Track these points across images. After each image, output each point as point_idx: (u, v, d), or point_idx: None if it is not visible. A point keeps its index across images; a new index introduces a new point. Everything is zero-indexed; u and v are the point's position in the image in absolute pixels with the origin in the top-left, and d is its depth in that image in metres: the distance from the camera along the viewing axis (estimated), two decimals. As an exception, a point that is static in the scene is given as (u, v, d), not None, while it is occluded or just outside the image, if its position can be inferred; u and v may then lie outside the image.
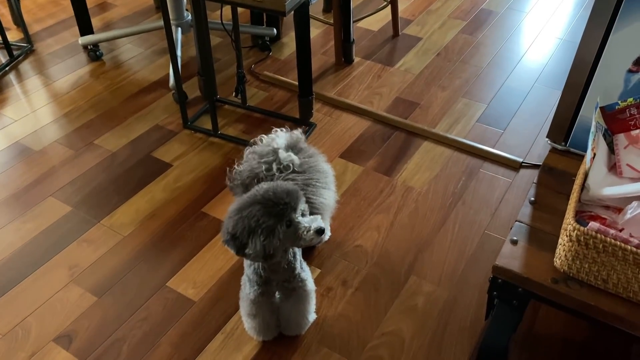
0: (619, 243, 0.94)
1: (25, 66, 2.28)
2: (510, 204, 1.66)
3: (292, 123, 1.94)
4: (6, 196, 1.69)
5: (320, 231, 1.05)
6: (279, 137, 1.29)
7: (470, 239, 1.56)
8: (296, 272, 1.18)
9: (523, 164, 1.79)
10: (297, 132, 1.33)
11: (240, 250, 1.04)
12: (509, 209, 1.64)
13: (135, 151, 1.86)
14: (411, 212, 1.64)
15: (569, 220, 0.98)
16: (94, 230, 1.58)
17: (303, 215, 1.07)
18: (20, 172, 1.78)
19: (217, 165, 1.80)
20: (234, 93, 1.95)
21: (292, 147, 1.29)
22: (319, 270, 1.47)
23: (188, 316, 1.37)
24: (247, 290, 1.21)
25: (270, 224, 1.02)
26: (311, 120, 1.97)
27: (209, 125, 1.91)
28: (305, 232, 1.04)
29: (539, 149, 1.85)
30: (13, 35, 2.45)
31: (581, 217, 1.05)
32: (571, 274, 1.03)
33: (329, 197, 1.30)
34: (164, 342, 1.31)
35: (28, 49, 2.36)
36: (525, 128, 1.95)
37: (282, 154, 1.24)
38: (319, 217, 1.08)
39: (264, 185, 1.07)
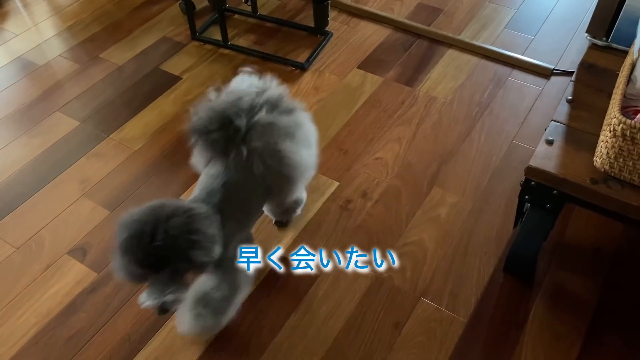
0: (670, 136, 0.85)
1: (24, -21, 2.16)
2: (540, 113, 1.56)
3: (305, 33, 1.82)
4: (12, 111, 1.63)
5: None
6: (245, 83, 1.07)
7: (497, 149, 1.47)
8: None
9: (555, 71, 1.67)
10: (275, 84, 1.07)
11: None
12: (539, 117, 1.54)
13: (143, 64, 1.77)
14: (434, 123, 1.55)
15: (614, 114, 0.89)
16: (104, 144, 1.53)
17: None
18: (24, 87, 1.70)
19: (229, 77, 1.70)
20: (243, 0, 1.83)
21: (274, 106, 1.04)
22: (337, 183, 1.41)
23: (203, 229, 1.32)
24: None
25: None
26: (327, 29, 1.84)
27: (218, 36, 1.80)
28: None
29: (571, 55, 1.72)
30: (9, -53, 2.31)
31: (626, 112, 0.96)
32: (612, 174, 0.95)
33: (308, 155, 1.08)
34: (179, 254, 1.28)
35: (26, -40, 2.22)
36: (557, 34, 1.80)
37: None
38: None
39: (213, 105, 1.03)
